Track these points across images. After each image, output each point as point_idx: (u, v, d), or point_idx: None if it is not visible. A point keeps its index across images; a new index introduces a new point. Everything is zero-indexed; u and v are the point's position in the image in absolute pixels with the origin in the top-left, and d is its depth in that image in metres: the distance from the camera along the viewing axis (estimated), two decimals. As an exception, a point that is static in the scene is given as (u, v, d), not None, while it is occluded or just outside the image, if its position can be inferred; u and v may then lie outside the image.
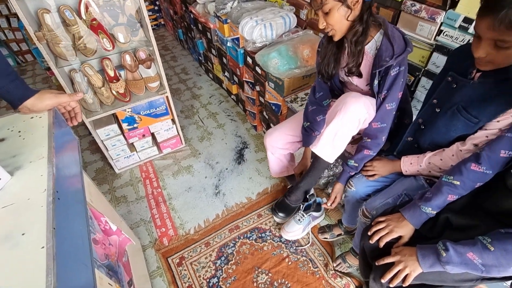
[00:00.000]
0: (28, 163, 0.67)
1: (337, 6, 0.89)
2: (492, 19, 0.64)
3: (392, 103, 1.00)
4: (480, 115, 0.81)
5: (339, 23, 0.93)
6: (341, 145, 1.08)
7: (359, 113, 1.01)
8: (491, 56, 0.71)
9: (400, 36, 0.96)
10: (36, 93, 0.79)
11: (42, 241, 0.52)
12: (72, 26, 1.35)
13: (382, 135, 1.06)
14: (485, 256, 0.70)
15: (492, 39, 0.68)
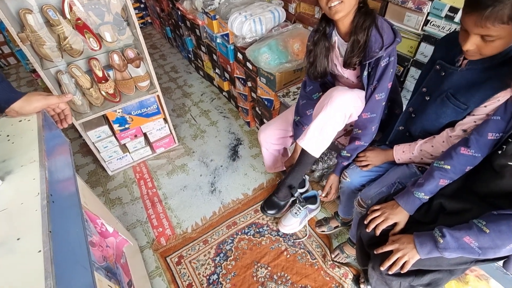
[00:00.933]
0: (19, 167, 0.66)
1: None
2: (478, 16, 0.66)
3: (381, 94, 1.01)
4: (468, 101, 0.83)
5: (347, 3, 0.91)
6: (327, 139, 1.09)
7: (345, 107, 1.03)
8: (478, 48, 0.73)
9: (389, 26, 0.97)
10: (24, 95, 0.77)
11: (38, 245, 0.51)
12: (56, 26, 1.32)
13: (372, 125, 1.07)
14: (481, 238, 0.72)
15: (479, 34, 0.70)
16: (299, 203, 1.39)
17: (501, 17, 0.64)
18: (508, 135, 0.74)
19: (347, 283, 1.31)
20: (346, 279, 1.32)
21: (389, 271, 0.85)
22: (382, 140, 1.15)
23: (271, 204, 1.35)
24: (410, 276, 0.93)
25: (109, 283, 0.83)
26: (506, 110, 0.75)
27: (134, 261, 1.30)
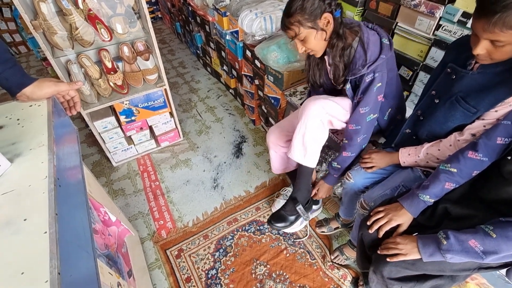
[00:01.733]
0: (28, 150, 0.66)
1: (312, 32, 0.94)
2: (487, 22, 0.66)
3: (366, 107, 1.01)
4: (478, 105, 0.82)
5: (317, 45, 0.97)
6: (313, 149, 1.12)
7: (318, 115, 1.05)
8: (489, 52, 0.73)
9: (377, 41, 0.95)
10: (35, 80, 0.78)
11: (44, 227, 0.51)
12: (69, 15, 1.33)
13: (357, 136, 1.08)
14: (487, 242, 0.71)
15: (488, 39, 0.69)
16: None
17: (509, 24, 0.64)
18: None
19: (345, 285, 1.30)
20: (344, 281, 1.31)
21: (388, 258, 0.85)
22: (388, 142, 1.14)
23: (277, 217, 1.36)
24: (412, 282, 0.92)
25: (109, 271, 0.84)
26: None
27: (135, 252, 1.31)
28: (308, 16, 0.90)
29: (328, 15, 0.92)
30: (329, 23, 0.93)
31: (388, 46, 0.97)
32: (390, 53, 0.97)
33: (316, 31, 0.93)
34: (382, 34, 0.98)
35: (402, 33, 1.34)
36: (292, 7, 0.91)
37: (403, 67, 1.40)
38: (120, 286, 0.87)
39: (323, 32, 0.94)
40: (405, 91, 1.45)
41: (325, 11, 0.91)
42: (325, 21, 0.92)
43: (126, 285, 0.94)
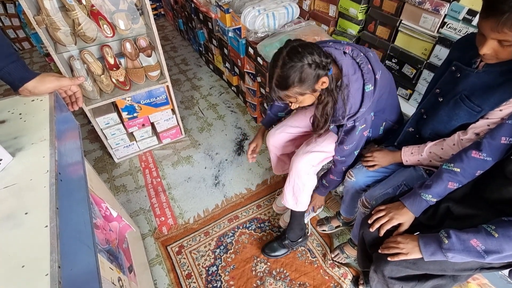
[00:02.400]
0: (30, 144, 0.67)
1: (310, 96, 0.92)
2: (495, 21, 0.65)
3: (350, 145, 1.04)
4: (483, 104, 0.81)
5: (308, 102, 0.96)
6: (304, 196, 1.22)
7: (305, 171, 1.16)
8: (496, 52, 0.72)
9: (359, 89, 0.92)
10: (38, 75, 0.78)
11: (45, 221, 0.51)
12: (71, 11, 1.33)
13: (342, 166, 1.14)
14: (489, 242, 0.71)
15: (496, 39, 0.68)
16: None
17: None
18: None
19: (346, 284, 1.30)
20: (345, 280, 1.31)
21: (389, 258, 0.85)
22: (390, 141, 1.13)
23: (270, 247, 1.40)
24: (413, 281, 0.92)
25: (110, 266, 0.84)
26: None
27: (136, 248, 1.32)
28: (306, 86, 0.87)
29: (325, 78, 0.89)
30: (324, 83, 0.90)
31: (371, 92, 0.93)
32: (373, 97, 0.94)
33: (313, 94, 0.92)
34: (367, 78, 0.91)
35: (406, 30, 1.33)
36: (288, 80, 0.85)
37: (406, 65, 1.39)
38: (121, 281, 0.87)
39: (317, 92, 0.93)
40: (408, 89, 1.44)
41: (322, 76, 0.88)
42: (321, 83, 0.90)
43: (126, 280, 0.95)
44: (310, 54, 0.84)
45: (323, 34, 1.55)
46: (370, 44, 1.52)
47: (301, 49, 0.84)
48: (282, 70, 0.85)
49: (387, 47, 1.44)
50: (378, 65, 0.95)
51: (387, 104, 1.09)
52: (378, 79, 0.93)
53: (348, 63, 0.92)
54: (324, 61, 0.86)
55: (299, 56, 0.83)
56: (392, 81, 1.11)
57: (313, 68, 0.84)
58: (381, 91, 0.98)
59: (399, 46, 1.39)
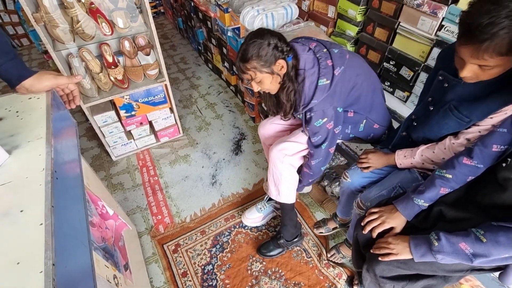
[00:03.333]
0: (26, 142, 0.67)
1: (267, 76, 1.00)
2: (475, 49, 0.65)
3: (315, 138, 1.09)
4: (471, 115, 0.81)
5: (272, 86, 1.03)
6: (285, 188, 1.24)
7: (278, 158, 1.19)
8: (475, 74, 0.72)
9: (313, 83, 0.99)
10: (35, 73, 0.79)
11: (40, 218, 0.52)
12: (70, 9, 1.33)
13: (312, 159, 1.17)
14: (477, 246, 0.72)
15: (476, 64, 0.69)
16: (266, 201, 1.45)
17: (499, 50, 0.63)
18: None
19: (340, 284, 1.31)
20: (339, 280, 1.32)
21: (380, 258, 0.86)
22: (386, 143, 1.14)
23: (266, 248, 1.41)
24: (404, 281, 0.93)
25: (106, 263, 0.84)
26: None
27: (132, 246, 1.32)
28: (263, 62, 0.96)
29: (282, 61, 0.97)
30: (283, 67, 0.99)
31: (326, 86, 0.99)
32: (329, 91, 0.99)
33: (271, 75, 0.99)
34: (322, 72, 0.98)
35: (404, 33, 1.33)
36: (247, 53, 0.95)
37: (404, 67, 1.39)
38: (116, 279, 0.88)
39: (277, 76, 1.00)
40: (406, 91, 1.45)
41: (279, 58, 0.97)
42: (279, 66, 0.98)
43: (122, 278, 0.95)
44: (272, 36, 0.95)
45: (321, 35, 1.56)
46: (368, 46, 1.53)
47: (266, 31, 0.97)
48: (246, 45, 0.96)
49: (385, 49, 1.44)
50: (340, 62, 1.00)
51: (367, 102, 1.12)
52: (337, 74, 0.98)
53: (308, 58, 1.00)
54: (283, 46, 0.96)
55: (262, 35, 0.95)
56: (374, 82, 1.13)
57: (272, 47, 0.94)
58: (349, 83, 1.03)
59: (397, 48, 1.40)
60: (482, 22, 0.61)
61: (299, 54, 1.00)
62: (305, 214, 1.58)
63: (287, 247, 1.40)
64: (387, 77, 1.51)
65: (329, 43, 1.06)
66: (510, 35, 0.61)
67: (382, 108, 1.19)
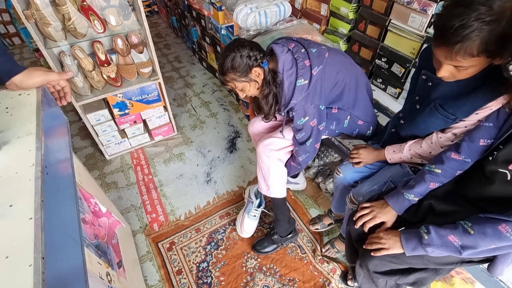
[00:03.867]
0: (16, 138, 0.67)
1: (246, 84, 1.07)
2: (448, 50, 0.67)
3: (298, 134, 1.12)
4: (456, 112, 0.83)
5: (253, 91, 1.11)
6: (274, 182, 1.26)
7: (264, 153, 1.22)
8: (452, 74, 0.74)
9: (291, 84, 1.02)
10: (25, 69, 0.78)
11: (30, 213, 0.52)
12: (62, 6, 1.32)
13: (298, 156, 1.19)
14: (465, 238, 0.73)
15: (451, 65, 0.71)
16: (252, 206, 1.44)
17: (470, 52, 0.64)
18: (499, 142, 0.74)
19: (334, 279, 1.32)
20: (334, 275, 1.33)
21: (372, 253, 0.87)
22: (376, 140, 1.15)
23: (260, 244, 1.42)
24: (396, 275, 0.94)
25: (98, 260, 0.84)
26: (499, 117, 0.75)
27: (126, 244, 1.32)
28: (240, 73, 1.03)
29: (257, 68, 1.03)
30: (259, 74, 1.05)
31: (304, 86, 1.01)
32: (308, 91, 1.02)
33: (249, 83, 1.06)
34: (300, 72, 1.01)
35: (396, 30, 1.35)
36: (224, 67, 1.03)
37: (395, 64, 1.41)
38: (109, 276, 0.88)
39: (255, 82, 1.07)
40: (397, 88, 1.47)
41: (254, 66, 1.03)
42: (255, 74, 1.04)
43: (115, 275, 0.95)
44: (243, 47, 1.01)
45: (314, 32, 1.57)
46: (360, 43, 1.55)
47: (236, 43, 1.02)
48: (222, 59, 1.04)
49: (377, 46, 1.46)
50: (318, 61, 1.02)
51: (350, 99, 1.13)
52: (315, 74, 1.01)
53: (287, 60, 1.03)
54: (256, 55, 1.02)
55: (234, 48, 1.01)
56: (358, 78, 1.14)
57: (244, 58, 1.01)
58: (330, 81, 1.06)
59: (389, 45, 1.41)
60: (453, 24, 0.63)
61: (278, 56, 1.03)
62: (299, 211, 1.59)
63: (281, 243, 1.41)
64: (379, 74, 1.52)
65: (307, 42, 1.08)
66: (480, 37, 0.62)
67: (366, 103, 1.20)
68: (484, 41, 0.62)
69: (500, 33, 0.61)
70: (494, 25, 0.61)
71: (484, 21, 0.60)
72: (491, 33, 0.61)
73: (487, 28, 0.61)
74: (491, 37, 0.62)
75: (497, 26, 0.61)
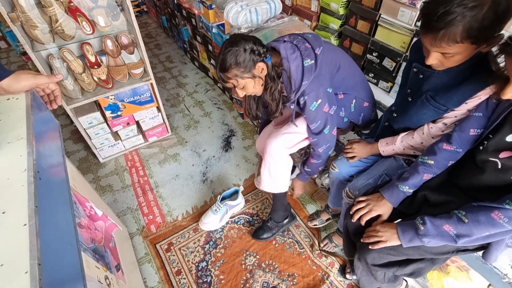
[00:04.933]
0: (6, 144, 0.65)
1: (250, 81, 1.00)
2: (433, 37, 0.68)
3: (314, 124, 1.07)
4: (448, 103, 0.84)
5: (256, 89, 1.04)
6: (281, 177, 1.25)
7: (279, 152, 1.18)
8: (440, 62, 0.76)
9: (299, 66, 0.99)
10: (12, 73, 0.76)
11: (24, 219, 0.51)
12: (48, 7, 1.29)
13: (318, 147, 1.14)
14: (460, 227, 0.75)
15: (438, 52, 0.72)
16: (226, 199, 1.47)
17: (454, 38, 0.66)
18: (489, 131, 0.76)
19: (333, 273, 1.34)
20: (332, 268, 1.35)
21: (370, 246, 0.88)
22: (370, 133, 1.17)
23: (259, 233, 1.45)
24: (394, 267, 0.96)
25: (96, 264, 0.83)
26: (488, 107, 0.77)
27: (124, 247, 1.31)
28: (243, 68, 0.96)
29: (261, 63, 0.98)
30: (263, 70, 1.00)
31: (312, 66, 0.98)
32: (316, 71, 0.99)
33: (253, 79, 1.00)
34: (305, 54, 0.99)
35: (386, 24, 1.36)
36: (226, 63, 0.95)
37: (386, 58, 1.42)
38: (108, 280, 0.87)
39: (259, 79, 1.02)
40: (389, 82, 1.48)
41: (258, 61, 0.97)
42: (259, 69, 0.99)
43: (114, 278, 0.94)
44: (246, 41, 0.95)
45: (305, 29, 1.57)
46: (351, 38, 1.55)
47: (239, 38, 0.96)
48: (223, 55, 0.96)
49: (367, 41, 1.47)
50: (318, 43, 1.01)
51: (352, 82, 1.13)
52: (319, 53, 0.99)
53: (286, 46, 1.00)
54: (259, 49, 0.97)
55: (236, 42, 0.95)
56: (351, 63, 1.15)
57: (248, 52, 0.95)
58: (331, 65, 1.05)
59: (379, 40, 1.42)
60: (438, 11, 0.64)
61: (278, 46, 1.00)
62: (296, 207, 1.60)
63: (277, 229, 1.44)
64: (371, 69, 1.54)
65: (301, 32, 1.07)
66: (463, 23, 0.64)
67: (366, 84, 1.21)
68: (467, 27, 0.64)
69: (482, 18, 0.63)
70: (476, 11, 0.62)
71: (467, 6, 0.62)
72: (473, 18, 0.63)
73: (470, 14, 0.62)
74: (473, 23, 0.63)
75: (479, 11, 0.62)
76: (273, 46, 1.02)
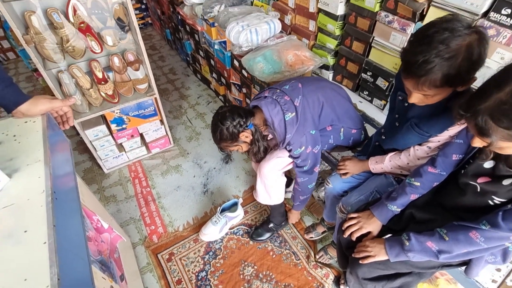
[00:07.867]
0: (25, 166, 0.72)
1: (239, 147, 1.20)
2: (415, 82, 0.76)
3: (297, 160, 1.20)
4: (430, 130, 0.91)
5: (247, 148, 1.24)
6: (276, 193, 1.36)
7: (272, 173, 1.28)
8: (421, 101, 0.83)
9: (281, 121, 1.11)
10: (30, 98, 0.83)
11: (44, 237, 0.57)
12: (60, 29, 1.37)
13: (297, 177, 1.27)
14: (441, 244, 0.81)
15: (419, 93, 0.79)
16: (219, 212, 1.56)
17: (434, 83, 0.73)
18: (469, 156, 0.82)
19: (328, 283, 1.38)
20: (327, 279, 1.39)
21: (360, 261, 0.94)
22: (362, 152, 1.23)
23: (257, 233, 1.56)
24: (383, 280, 1.01)
25: (103, 275, 0.89)
26: (468, 134, 0.84)
27: (127, 257, 1.36)
28: (230, 140, 1.14)
29: (244, 132, 1.14)
30: (247, 136, 1.17)
31: (293, 119, 1.10)
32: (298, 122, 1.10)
33: (240, 145, 1.20)
34: (285, 108, 1.10)
35: (379, 46, 1.43)
36: (215, 139, 1.17)
37: (380, 78, 1.49)
38: (113, 290, 0.92)
39: (246, 143, 1.20)
40: (383, 100, 1.55)
41: (241, 132, 1.13)
42: (243, 137, 1.16)
43: (118, 288, 1.00)
44: (225, 119, 1.10)
45: (303, 48, 1.65)
46: (347, 58, 1.63)
47: (220, 117, 1.12)
48: (213, 132, 1.16)
49: (362, 61, 1.54)
50: (295, 93, 1.13)
51: (338, 113, 1.22)
52: (298, 105, 1.11)
53: (267, 102, 1.12)
54: (239, 121, 1.11)
55: (218, 123, 1.12)
56: (338, 92, 1.24)
57: (230, 129, 1.11)
58: (315, 106, 1.15)
59: (373, 60, 1.50)
60: (417, 60, 0.71)
61: (261, 105, 1.13)
62: (293, 218, 1.65)
63: (275, 230, 1.57)
64: (365, 87, 1.61)
65: (279, 84, 1.20)
66: (442, 71, 0.71)
67: (352, 112, 1.29)
68: (445, 74, 0.71)
69: (458, 66, 0.70)
70: (452, 61, 0.69)
71: (443, 57, 0.69)
72: (450, 67, 0.70)
73: (447, 63, 0.69)
74: (451, 71, 0.70)
75: (455, 61, 0.69)
76: (256, 105, 1.16)
